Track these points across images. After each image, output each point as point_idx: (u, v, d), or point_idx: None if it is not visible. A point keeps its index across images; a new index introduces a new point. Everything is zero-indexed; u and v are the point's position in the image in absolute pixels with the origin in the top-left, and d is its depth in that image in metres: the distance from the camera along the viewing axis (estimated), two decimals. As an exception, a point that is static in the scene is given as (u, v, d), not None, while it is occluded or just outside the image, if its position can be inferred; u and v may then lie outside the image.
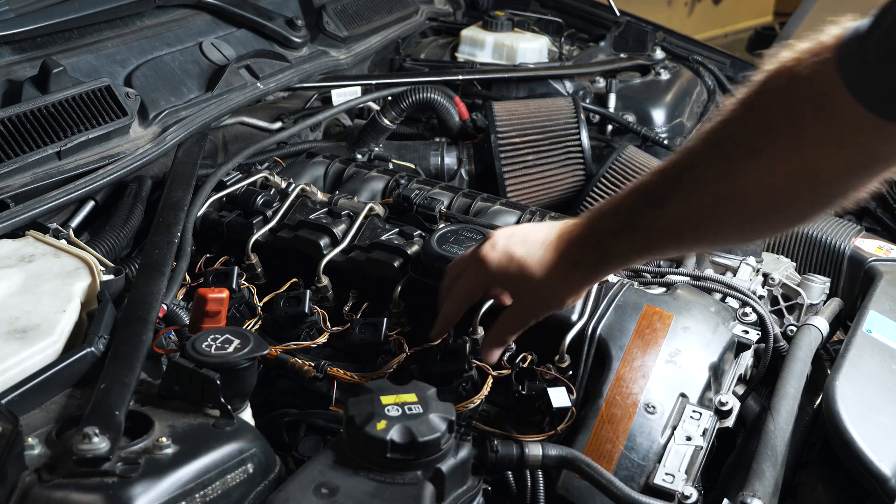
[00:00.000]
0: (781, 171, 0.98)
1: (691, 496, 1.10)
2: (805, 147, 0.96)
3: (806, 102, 0.94)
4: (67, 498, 0.87)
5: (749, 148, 0.99)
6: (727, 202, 1.03)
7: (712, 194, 1.03)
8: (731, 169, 1.01)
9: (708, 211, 1.05)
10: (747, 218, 1.05)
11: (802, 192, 1.00)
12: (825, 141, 0.95)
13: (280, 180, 1.64)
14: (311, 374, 1.29)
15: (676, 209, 1.06)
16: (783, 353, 1.35)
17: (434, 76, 2.24)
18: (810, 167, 0.97)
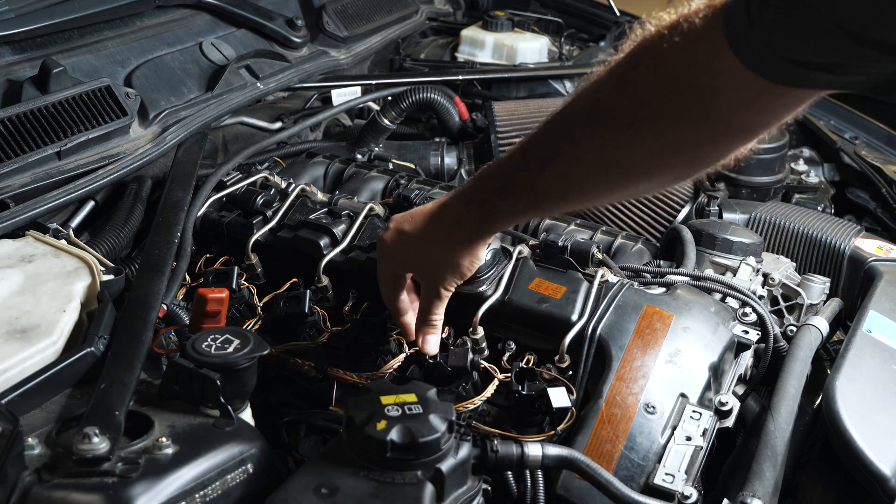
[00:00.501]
0: (663, 142, 1.03)
1: (691, 496, 1.10)
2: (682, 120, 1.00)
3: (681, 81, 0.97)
4: (67, 498, 0.87)
5: (630, 120, 1.03)
6: (610, 167, 1.08)
7: (595, 159, 1.08)
8: (613, 137, 1.05)
9: (591, 173, 1.10)
10: (630, 180, 1.10)
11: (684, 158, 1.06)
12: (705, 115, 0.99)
13: (280, 180, 1.64)
14: (311, 374, 1.29)
15: (560, 170, 1.10)
16: (783, 353, 1.35)
17: (434, 76, 2.24)
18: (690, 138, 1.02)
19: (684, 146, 1.04)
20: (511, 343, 1.33)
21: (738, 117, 1.00)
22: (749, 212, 1.78)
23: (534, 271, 1.38)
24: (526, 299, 1.34)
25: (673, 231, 1.60)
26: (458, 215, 1.21)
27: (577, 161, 1.09)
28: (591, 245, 1.40)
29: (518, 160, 1.15)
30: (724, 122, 1.00)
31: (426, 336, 1.29)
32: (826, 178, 2.13)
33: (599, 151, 1.07)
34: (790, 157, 2.10)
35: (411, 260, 1.28)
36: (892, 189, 1.96)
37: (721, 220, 1.72)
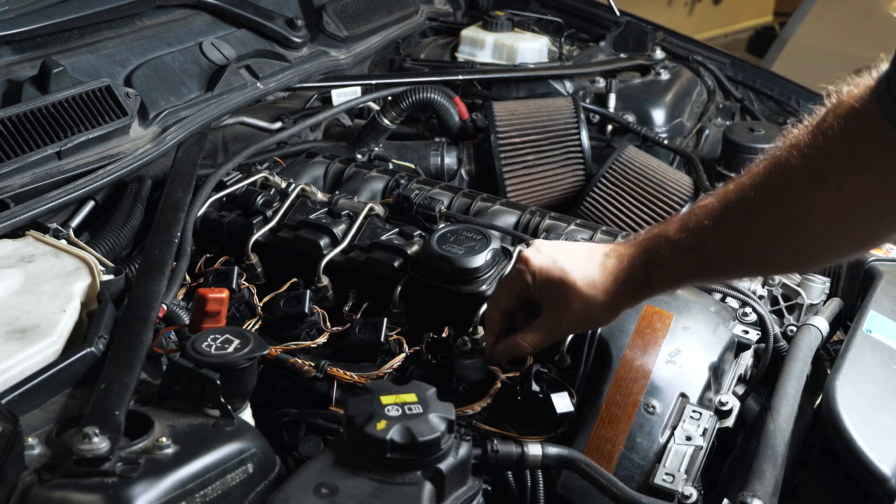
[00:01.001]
0: (845, 195, 0.99)
1: (691, 496, 1.10)
2: (866, 174, 0.97)
3: (865, 133, 0.96)
4: (67, 498, 0.87)
5: (814, 172, 1.00)
6: (790, 223, 1.03)
7: (775, 215, 1.03)
8: (795, 191, 1.01)
9: (769, 232, 1.04)
10: (809, 242, 1.04)
11: (864, 217, 1.01)
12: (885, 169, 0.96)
13: (280, 180, 1.64)
14: (311, 374, 1.29)
15: (736, 228, 1.06)
16: (783, 353, 1.35)
17: (434, 76, 2.24)
18: (872, 193, 0.98)
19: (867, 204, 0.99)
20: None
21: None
22: (749, 212, 1.77)
23: (534, 271, 1.38)
24: (526, 299, 1.33)
25: (673, 231, 1.60)
26: (623, 271, 1.16)
27: (755, 217, 1.05)
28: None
29: (700, 216, 1.09)
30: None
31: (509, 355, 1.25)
32: (826, 178, 2.13)
33: (779, 206, 1.03)
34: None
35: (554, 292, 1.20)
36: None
37: (721, 220, 1.72)
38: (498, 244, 1.40)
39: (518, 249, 1.40)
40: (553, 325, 1.22)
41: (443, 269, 1.36)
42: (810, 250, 1.06)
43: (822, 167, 0.99)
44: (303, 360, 1.31)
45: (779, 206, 1.03)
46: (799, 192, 1.01)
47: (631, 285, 1.15)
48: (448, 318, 1.35)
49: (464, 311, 1.33)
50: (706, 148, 2.28)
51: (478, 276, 1.36)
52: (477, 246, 1.38)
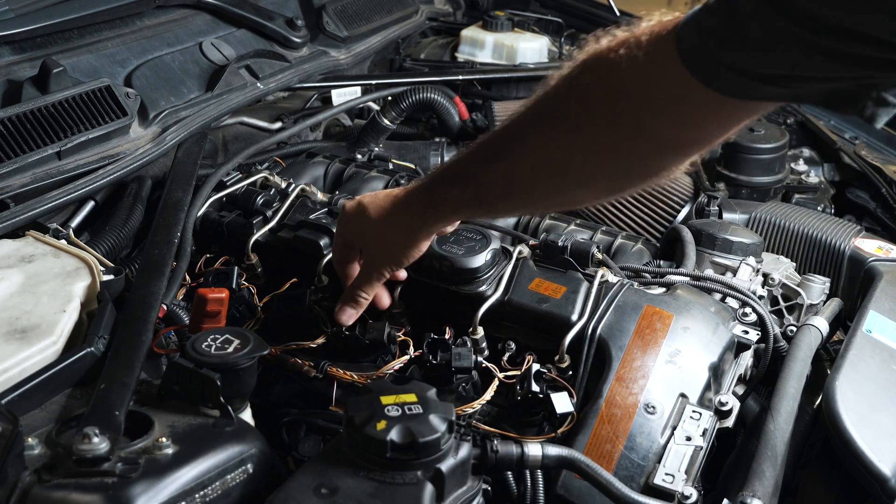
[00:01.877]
0: (598, 148, 1.07)
1: (691, 496, 1.10)
2: (619, 130, 1.04)
3: (623, 92, 1.02)
4: (67, 498, 0.87)
5: (571, 124, 1.07)
6: (550, 168, 1.12)
7: (537, 159, 1.12)
8: (554, 138, 1.09)
9: (532, 173, 1.14)
10: (567, 184, 1.13)
11: (617, 167, 1.09)
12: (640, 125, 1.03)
13: (280, 180, 1.64)
14: (310, 374, 1.29)
15: (505, 166, 1.14)
16: (783, 353, 1.35)
17: (434, 76, 2.24)
18: (624, 147, 1.06)
19: (618, 155, 1.08)
20: (511, 343, 1.33)
21: (675, 131, 1.03)
22: (749, 212, 1.78)
23: (534, 271, 1.38)
24: (526, 299, 1.34)
25: (673, 231, 1.60)
26: (410, 196, 1.26)
27: (521, 158, 1.13)
28: (591, 245, 1.40)
29: (472, 153, 1.20)
30: (657, 135, 1.04)
31: (346, 308, 1.33)
32: (826, 178, 2.13)
33: (541, 152, 1.11)
34: (790, 157, 2.10)
35: (361, 235, 1.32)
36: (892, 189, 1.96)
37: (721, 220, 1.72)
38: (498, 244, 1.40)
39: (517, 249, 1.40)
40: (368, 264, 1.32)
41: (443, 269, 1.36)
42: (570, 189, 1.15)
43: (578, 121, 1.06)
44: (303, 360, 1.31)
45: (538, 151, 1.11)
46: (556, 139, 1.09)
47: (417, 210, 1.24)
48: (448, 318, 1.35)
49: (464, 311, 1.33)
50: (706, 148, 2.28)
51: (478, 276, 1.36)
52: (477, 246, 1.38)
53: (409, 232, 1.27)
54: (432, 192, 1.23)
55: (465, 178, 1.19)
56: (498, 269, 1.38)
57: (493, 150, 1.17)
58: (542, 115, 1.11)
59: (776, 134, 2.02)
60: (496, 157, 1.16)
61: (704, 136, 1.05)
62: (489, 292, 1.35)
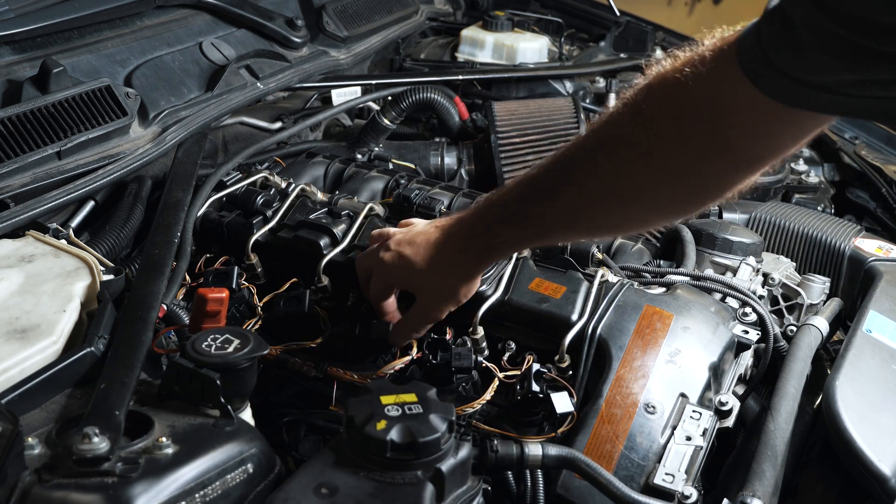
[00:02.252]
0: (672, 171, 1.05)
1: (691, 496, 1.10)
2: (692, 150, 1.03)
3: (692, 111, 1.01)
4: (67, 498, 0.87)
5: (641, 150, 1.05)
6: (622, 196, 1.10)
7: (605, 189, 1.10)
8: (624, 167, 1.07)
9: (601, 203, 1.12)
10: (640, 210, 1.13)
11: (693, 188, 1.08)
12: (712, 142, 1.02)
13: (280, 180, 1.64)
14: (310, 374, 1.29)
15: (570, 200, 1.13)
16: (783, 353, 1.35)
17: (434, 76, 2.24)
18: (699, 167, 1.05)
19: (693, 175, 1.06)
20: (511, 343, 1.33)
21: (746, 144, 1.01)
22: (749, 212, 1.78)
23: (534, 271, 1.38)
24: (526, 299, 1.34)
25: (673, 231, 1.60)
26: (463, 243, 1.23)
27: (587, 191, 1.11)
28: (591, 245, 1.40)
29: (526, 190, 1.17)
30: (731, 150, 1.02)
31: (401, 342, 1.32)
32: (826, 178, 2.13)
33: (610, 182, 1.09)
34: (790, 157, 2.10)
35: (411, 284, 1.30)
36: (892, 189, 1.96)
37: (721, 220, 1.72)
38: (498, 244, 1.40)
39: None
40: (424, 309, 1.30)
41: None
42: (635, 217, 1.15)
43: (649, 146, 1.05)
44: (303, 360, 1.31)
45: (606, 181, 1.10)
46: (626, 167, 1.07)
47: (474, 254, 1.23)
48: (448, 318, 1.35)
49: (464, 311, 1.33)
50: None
51: (478, 276, 1.36)
52: (477, 246, 1.38)
53: (467, 274, 1.26)
54: (489, 236, 1.20)
55: (523, 218, 1.17)
56: (498, 269, 1.38)
57: (552, 185, 1.14)
58: (607, 143, 1.09)
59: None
60: (556, 191, 1.13)
61: (776, 147, 1.04)
62: (489, 292, 1.35)
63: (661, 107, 1.03)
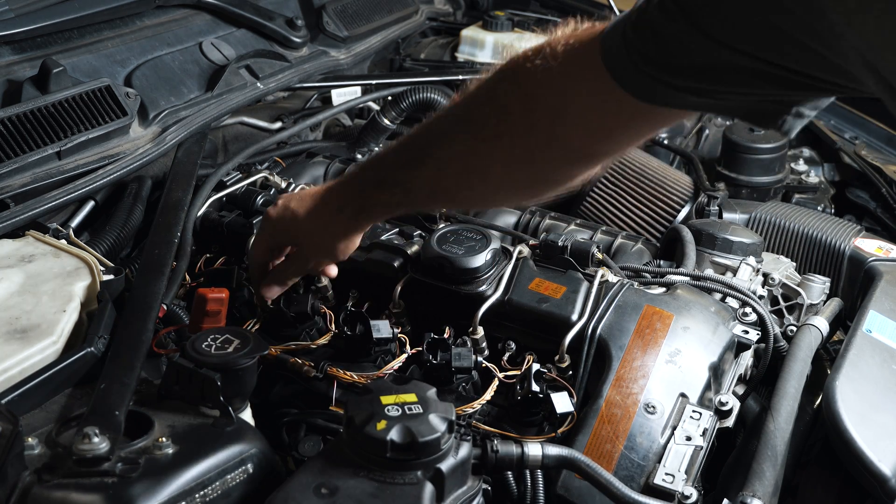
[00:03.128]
0: (518, 156, 1.11)
1: (691, 496, 1.10)
2: (535, 138, 1.09)
3: (538, 99, 1.07)
4: (67, 498, 0.87)
5: (491, 132, 1.11)
6: (472, 174, 1.17)
7: (459, 166, 1.17)
8: (475, 146, 1.14)
9: (455, 179, 1.19)
10: (489, 189, 1.19)
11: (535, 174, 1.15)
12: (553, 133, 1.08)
13: (280, 180, 1.64)
14: (310, 374, 1.29)
15: (429, 173, 1.19)
16: (783, 353, 1.35)
17: (434, 76, 2.24)
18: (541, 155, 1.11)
19: (534, 164, 1.12)
20: (511, 343, 1.33)
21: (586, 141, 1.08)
22: (749, 212, 1.78)
23: (534, 271, 1.38)
24: (526, 299, 1.34)
25: (673, 231, 1.60)
26: (339, 201, 1.29)
27: (443, 165, 1.18)
28: (591, 245, 1.40)
29: (394, 158, 1.24)
30: (569, 146, 1.08)
31: (273, 287, 1.36)
32: (826, 178, 2.13)
33: (463, 159, 1.16)
34: (790, 157, 2.10)
35: (293, 235, 1.35)
36: (892, 189, 1.96)
37: (721, 220, 1.72)
38: (498, 244, 1.40)
39: (517, 249, 1.41)
40: (301, 256, 1.35)
41: (443, 269, 1.36)
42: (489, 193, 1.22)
43: (497, 129, 1.11)
44: (303, 360, 1.31)
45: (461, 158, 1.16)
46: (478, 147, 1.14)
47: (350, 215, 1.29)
48: (448, 318, 1.35)
49: (464, 311, 1.33)
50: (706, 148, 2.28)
51: (478, 276, 1.36)
52: (477, 246, 1.38)
53: (344, 233, 1.32)
54: (362, 198, 1.27)
55: (392, 184, 1.23)
56: (498, 269, 1.38)
57: (416, 156, 1.21)
58: (462, 121, 1.15)
59: (776, 134, 2.00)
60: (419, 162, 1.20)
61: (615, 145, 1.11)
62: (489, 292, 1.35)
63: (511, 93, 1.08)
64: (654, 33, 0.95)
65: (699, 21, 0.90)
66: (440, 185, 1.21)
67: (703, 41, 0.91)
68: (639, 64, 0.96)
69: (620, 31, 0.99)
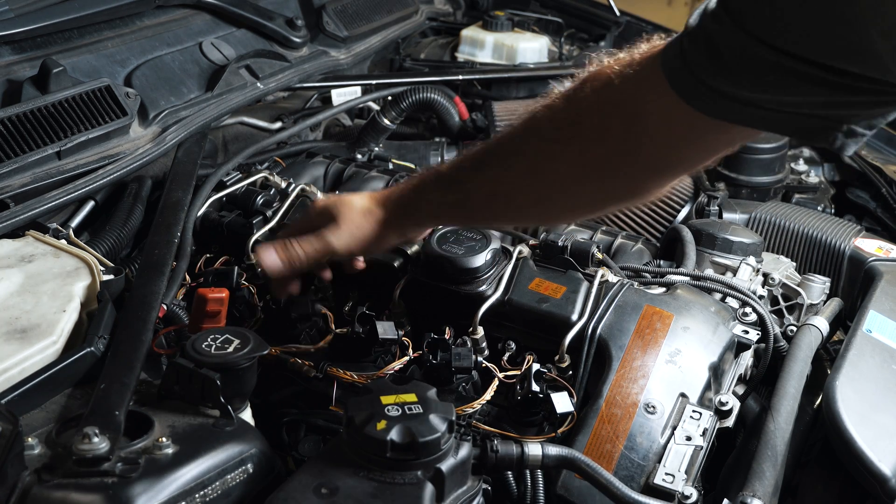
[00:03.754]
0: (587, 162, 1.11)
1: (691, 496, 1.10)
2: (607, 144, 1.09)
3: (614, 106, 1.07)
4: (67, 498, 0.87)
5: (562, 135, 1.11)
6: (535, 176, 1.16)
7: (523, 166, 1.16)
8: (543, 150, 1.14)
9: (518, 181, 1.17)
10: (552, 195, 1.18)
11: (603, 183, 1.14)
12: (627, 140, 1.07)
13: (280, 180, 1.64)
14: (310, 374, 1.29)
15: (492, 173, 1.19)
16: (783, 353, 1.35)
17: (434, 76, 2.24)
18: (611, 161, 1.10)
19: (605, 170, 1.11)
20: (511, 343, 1.33)
21: (656, 148, 1.06)
22: (749, 212, 1.78)
23: (534, 271, 1.38)
24: (526, 299, 1.34)
25: (673, 231, 1.60)
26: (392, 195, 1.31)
27: (510, 164, 1.17)
28: (591, 245, 1.40)
29: (461, 161, 1.25)
30: (642, 151, 1.07)
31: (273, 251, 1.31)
32: (826, 178, 2.13)
33: (531, 159, 1.15)
34: (790, 157, 2.10)
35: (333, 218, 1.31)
36: (892, 189, 1.96)
37: (721, 220, 1.72)
38: (498, 244, 1.40)
39: (517, 249, 1.41)
40: (326, 236, 1.31)
41: (443, 269, 1.36)
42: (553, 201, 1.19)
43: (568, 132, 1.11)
44: (303, 360, 1.31)
45: (529, 159, 1.16)
46: (547, 148, 1.13)
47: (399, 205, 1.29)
48: (448, 318, 1.35)
49: (464, 311, 1.33)
50: (706, 148, 2.28)
51: (478, 276, 1.36)
52: (477, 246, 1.38)
53: (383, 226, 1.30)
54: (415, 191, 1.27)
55: (450, 181, 1.23)
56: (498, 269, 1.38)
57: (483, 159, 1.20)
58: (536, 126, 1.15)
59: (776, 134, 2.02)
60: (485, 164, 1.20)
61: (689, 157, 1.09)
62: (489, 292, 1.35)
63: (589, 99, 1.08)
64: (709, 42, 0.95)
65: (753, 27, 0.90)
66: (501, 188, 1.19)
67: (757, 47, 0.90)
68: (695, 73, 0.96)
69: (678, 43, 0.99)
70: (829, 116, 0.94)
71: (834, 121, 0.95)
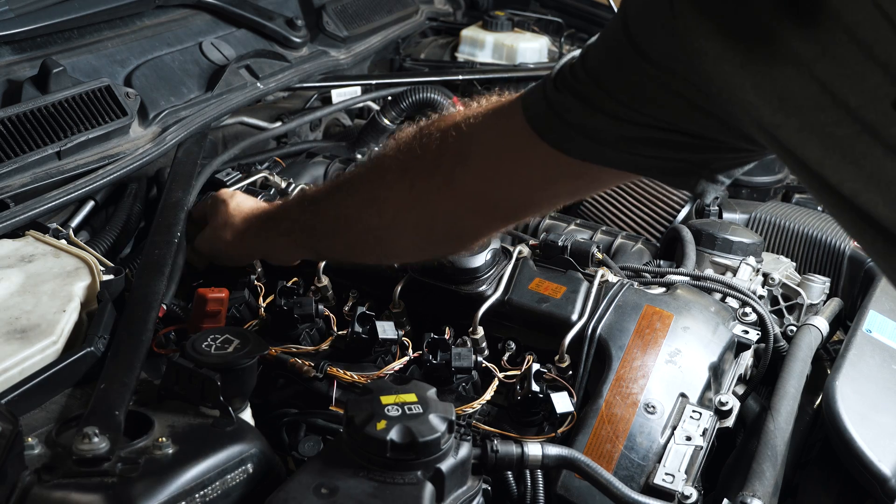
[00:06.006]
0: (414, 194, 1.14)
1: (691, 496, 1.10)
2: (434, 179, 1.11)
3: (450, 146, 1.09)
4: (67, 498, 0.87)
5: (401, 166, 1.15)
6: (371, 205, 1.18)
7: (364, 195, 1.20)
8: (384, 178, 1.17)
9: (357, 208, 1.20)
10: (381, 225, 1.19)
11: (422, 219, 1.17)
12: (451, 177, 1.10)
13: (280, 180, 1.64)
14: (310, 374, 1.29)
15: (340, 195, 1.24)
16: (783, 353, 1.35)
17: (434, 76, 2.24)
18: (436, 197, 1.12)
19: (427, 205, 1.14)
20: (511, 343, 1.33)
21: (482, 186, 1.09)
22: (749, 212, 1.78)
23: (534, 271, 1.38)
24: (526, 299, 1.34)
25: (673, 231, 1.60)
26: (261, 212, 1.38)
27: (356, 189, 1.22)
28: (591, 245, 1.40)
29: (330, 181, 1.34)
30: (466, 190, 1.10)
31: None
32: (826, 178, 2.13)
33: (371, 186, 1.20)
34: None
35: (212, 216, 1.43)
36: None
37: (721, 220, 1.72)
38: (498, 244, 1.40)
39: (517, 249, 1.40)
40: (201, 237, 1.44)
41: (443, 268, 1.36)
42: (382, 235, 1.21)
43: (408, 164, 1.14)
44: (302, 360, 1.31)
45: (369, 186, 1.20)
46: (384, 178, 1.18)
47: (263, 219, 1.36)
48: (448, 318, 1.35)
49: (464, 311, 1.33)
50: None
51: (478, 276, 1.36)
52: (477, 246, 1.38)
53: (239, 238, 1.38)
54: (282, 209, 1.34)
55: (309, 202, 1.29)
56: (498, 269, 1.38)
57: (340, 183, 1.27)
58: (383, 155, 1.19)
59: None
60: (339, 188, 1.26)
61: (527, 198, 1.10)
62: (489, 292, 1.35)
63: (432, 135, 1.11)
64: (574, 93, 0.98)
65: (606, 87, 0.94)
66: (342, 210, 1.23)
67: (612, 104, 0.94)
68: (560, 115, 0.99)
69: (541, 89, 1.02)
70: (690, 161, 0.98)
71: (695, 165, 0.98)
